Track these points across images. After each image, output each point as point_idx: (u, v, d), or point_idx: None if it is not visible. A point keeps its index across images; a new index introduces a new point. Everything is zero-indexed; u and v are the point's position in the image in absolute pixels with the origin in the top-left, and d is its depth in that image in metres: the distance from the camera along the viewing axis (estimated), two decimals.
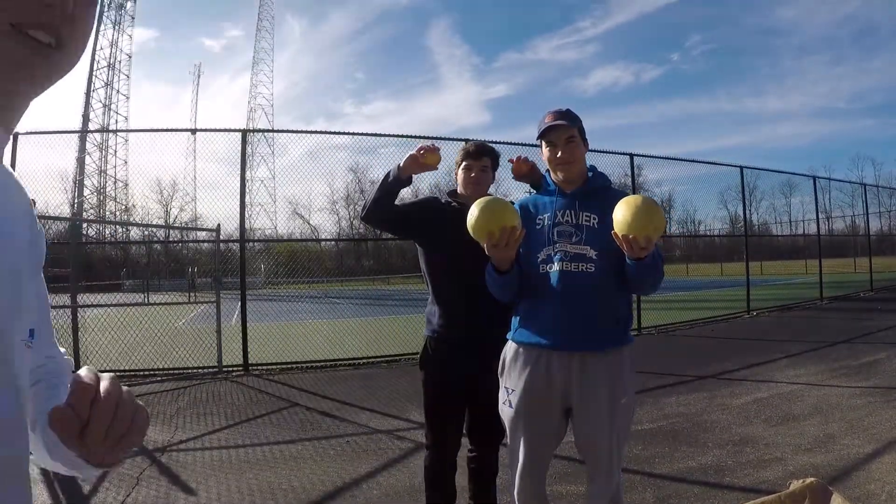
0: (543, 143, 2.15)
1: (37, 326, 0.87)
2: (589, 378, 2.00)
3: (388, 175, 2.40)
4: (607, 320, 2.03)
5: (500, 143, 9.20)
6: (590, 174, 2.18)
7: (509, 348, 2.18)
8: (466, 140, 8.51)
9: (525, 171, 2.55)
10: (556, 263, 2.03)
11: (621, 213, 1.82)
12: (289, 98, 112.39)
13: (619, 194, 2.20)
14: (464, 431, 2.54)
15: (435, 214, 2.53)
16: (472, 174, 2.54)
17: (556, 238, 2.06)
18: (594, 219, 2.05)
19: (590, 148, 2.23)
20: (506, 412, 2.15)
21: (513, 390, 2.11)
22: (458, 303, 2.43)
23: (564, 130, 2.10)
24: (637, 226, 1.78)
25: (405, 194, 2.64)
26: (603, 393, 2.00)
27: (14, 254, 0.74)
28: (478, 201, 1.94)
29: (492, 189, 2.70)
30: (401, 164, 2.40)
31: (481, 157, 2.56)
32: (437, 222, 2.50)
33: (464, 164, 2.58)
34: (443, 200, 2.62)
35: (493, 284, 2.09)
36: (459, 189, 2.61)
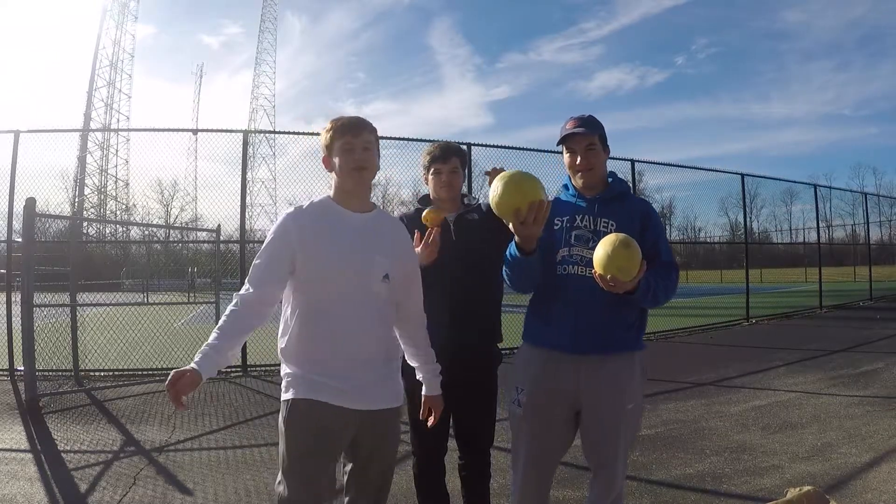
0: (564, 148, 2.16)
1: (390, 272, 1.88)
2: (599, 382, 2.01)
3: None
4: (620, 325, 2.04)
5: (502, 146, 9.20)
6: (610, 180, 2.19)
7: (522, 349, 2.21)
8: (469, 144, 8.54)
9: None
10: (571, 267, 2.04)
11: (597, 248, 1.86)
12: (289, 97, 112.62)
13: (637, 201, 2.22)
14: (451, 433, 2.52)
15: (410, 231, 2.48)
16: (443, 177, 2.50)
17: (572, 241, 2.07)
18: (612, 225, 2.06)
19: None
20: (514, 411, 2.15)
21: (522, 389, 2.13)
22: (441, 315, 2.35)
23: (584, 137, 2.11)
24: (602, 264, 1.83)
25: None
26: (612, 398, 2.02)
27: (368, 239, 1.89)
28: (500, 176, 1.86)
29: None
30: None
31: (449, 158, 2.50)
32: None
33: (433, 168, 2.52)
34: (414, 210, 2.57)
35: (516, 268, 2.00)
36: (431, 194, 2.57)
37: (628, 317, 2.06)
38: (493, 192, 1.87)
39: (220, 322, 1.81)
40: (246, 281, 1.85)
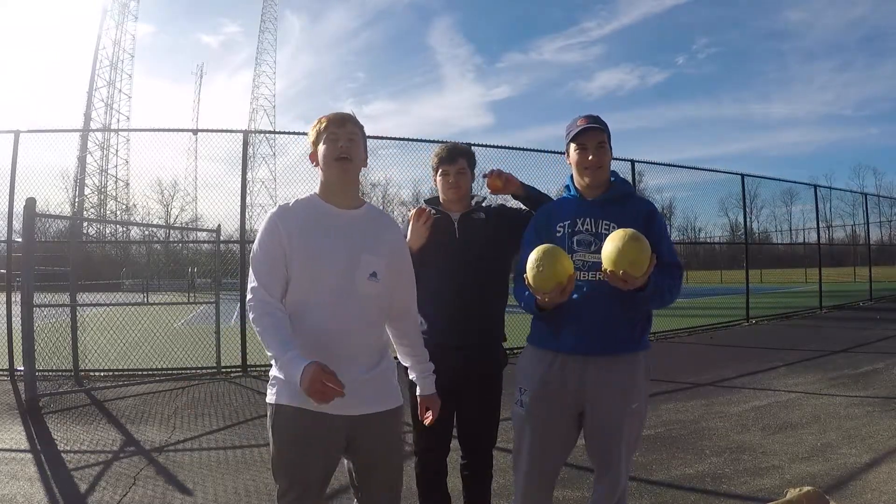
0: (573, 145, 2.16)
1: (378, 271, 1.83)
2: (603, 382, 2.02)
3: None
4: (624, 326, 2.04)
5: (502, 147, 9.19)
6: (612, 180, 2.19)
7: (526, 351, 2.21)
8: (469, 144, 8.54)
9: (500, 187, 2.50)
10: (574, 273, 2.04)
11: (606, 245, 1.87)
12: (288, 97, 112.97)
13: (640, 202, 2.22)
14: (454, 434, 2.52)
15: None
16: (451, 179, 2.48)
17: (575, 247, 2.07)
18: (613, 227, 2.05)
19: None
20: (516, 412, 2.16)
21: (525, 390, 2.13)
22: (443, 314, 2.37)
23: (597, 135, 2.12)
24: (614, 260, 1.84)
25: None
26: (616, 398, 2.02)
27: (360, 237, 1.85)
28: (539, 251, 1.91)
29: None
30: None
31: (456, 160, 2.49)
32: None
33: (440, 170, 2.51)
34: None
35: (526, 310, 2.13)
36: (441, 196, 2.56)
37: (632, 318, 2.05)
38: (534, 267, 1.90)
39: (265, 336, 1.72)
40: (251, 291, 1.78)
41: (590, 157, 2.11)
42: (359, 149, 1.88)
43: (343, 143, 1.84)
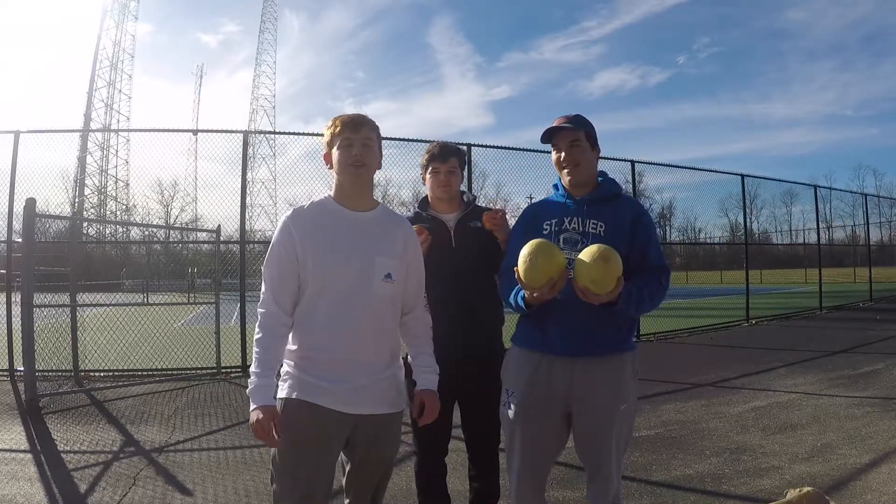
0: (552, 146, 2.17)
1: (393, 272, 1.85)
2: (590, 383, 2.01)
3: None
4: (610, 327, 2.03)
5: (502, 147, 9.19)
6: (600, 179, 2.19)
7: (512, 352, 2.20)
8: (469, 144, 8.54)
9: (489, 228, 2.44)
10: (566, 268, 2.03)
11: (579, 255, 1.88)
12: (287, 96, 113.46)
13: (629, 202, 2.21)
14: (451, 435, 2.52)
15: None
16: (441, 177, 2.49)
17: (561, 245, 2.06)
18: (601, 226, 2.05)
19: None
20: (505, 413, 2.15)
21: (513, 392, 2.12)
22: (445, 322, 2.30)
23: (569, 133, 2.12)
24: (578, 272, 1.85)
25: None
26: (604, 398, 2.01)
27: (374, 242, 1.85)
28: (532, 246, 1.90)
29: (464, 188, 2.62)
30: None
31: (448, 158, 2.49)
32: None
33: (430, 167, 2.51)
34: (413, 214, 2.56)
35: (512, 306, 2.11)
36: (429, 194, 2.56)
37: (618, 318, 2.04)
38: (525, 262, 1.89)
39: (255, 350, 1.80)
40: (262, 296, 1.83)
41: (561, 157, 2.12)
42: (373, 153, 1.89)
43: (357, 149, 1.84)
